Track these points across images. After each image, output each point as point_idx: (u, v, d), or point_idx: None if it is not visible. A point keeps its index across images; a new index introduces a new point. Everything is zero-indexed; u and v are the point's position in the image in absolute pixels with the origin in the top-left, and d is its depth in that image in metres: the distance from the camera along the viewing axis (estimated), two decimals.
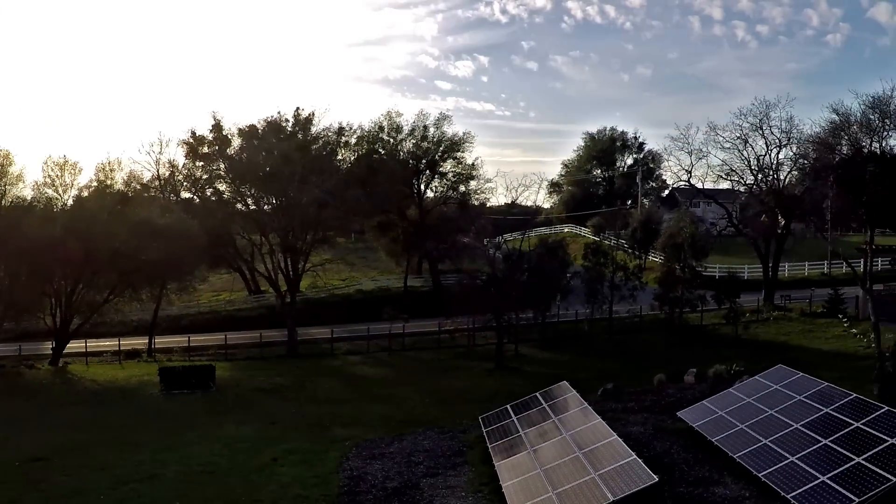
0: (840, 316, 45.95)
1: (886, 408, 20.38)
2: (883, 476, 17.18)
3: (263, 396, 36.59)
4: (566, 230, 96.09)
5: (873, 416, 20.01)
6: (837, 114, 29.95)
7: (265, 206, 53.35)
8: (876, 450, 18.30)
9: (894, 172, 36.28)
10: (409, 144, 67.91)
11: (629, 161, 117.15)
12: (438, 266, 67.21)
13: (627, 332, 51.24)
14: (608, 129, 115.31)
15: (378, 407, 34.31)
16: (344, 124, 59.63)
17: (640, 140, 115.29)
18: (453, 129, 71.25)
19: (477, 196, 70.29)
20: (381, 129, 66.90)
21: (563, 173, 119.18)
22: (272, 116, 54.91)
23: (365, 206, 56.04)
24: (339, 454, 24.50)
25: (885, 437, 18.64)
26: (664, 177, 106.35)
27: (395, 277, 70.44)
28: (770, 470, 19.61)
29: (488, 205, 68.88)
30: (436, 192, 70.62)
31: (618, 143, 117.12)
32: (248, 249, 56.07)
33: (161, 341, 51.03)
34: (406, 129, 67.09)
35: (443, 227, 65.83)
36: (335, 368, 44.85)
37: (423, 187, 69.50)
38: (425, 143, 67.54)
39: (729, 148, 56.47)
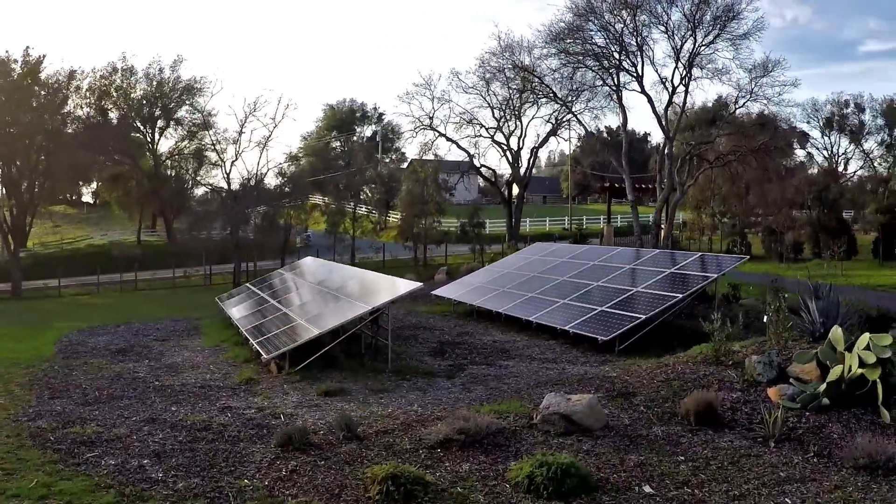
0: None
1: (658, 250, 19.14)
2: (669, 295, 15.62)
3: None
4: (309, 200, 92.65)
5: (646, 257, 18.80)
6: None
7: None
8: (656, 279, 16.82)
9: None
10: (143, 87, 60.78)
11: (368, 132, 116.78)
12: (174, 223, 60.52)
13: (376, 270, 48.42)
14: (348, 100, 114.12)
15: (108, 313, 28.84)
16: (76, 68, 51.48)
17: (380, 111, 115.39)
18: (191, 72, 65.09)
19: (214, 148, 64.40)
20: (115, 70, 58.91)
21: (301, 146, 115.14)
22: None
23: (95, 150, 50.51)
24: (58, 334, 20.81)
25: (663, 269, 17.29)
26: (404, 148, 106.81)
27: (128, 232, 64.07)
28: (542, 313, 17.34)
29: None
30: (170, 139, 64.03)
31: (357, 114, 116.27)
32: None
33: None
34: (140, 71, 59.81)
35: (179, 182, 60.41)
36: (62, 302, 38.33)
37: (157, 135, 62.44)
38: (161, 87, 60.82)
39: (471, 90, 55.24)
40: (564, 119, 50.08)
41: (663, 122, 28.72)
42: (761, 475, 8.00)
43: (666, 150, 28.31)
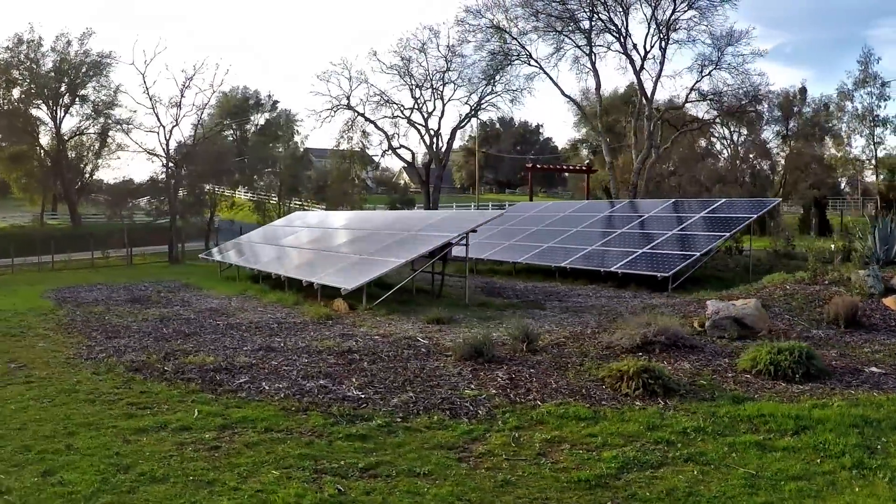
0: None
1: (673, 199, 19.52)
2: (714, 234, 15.86)
3: None
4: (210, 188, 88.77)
5: (665, 205, 18.95)
6: None
7: None
8: (690, 222, 17.17)
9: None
10: (51, 60, 56.09)
11: (262, 121, 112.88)
12: (78, 209, 56.19)
13: None
14: (241, 87, 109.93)
15: (53, 281, 24.34)
16: None
17: (275, 99, 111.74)
18: (100, 47, 60.76)
19: (121, 126, 60.32)
20: (21, 41, 53.85)
21: (192, 134, 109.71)
22: None
23: None
24: (35, 292, 18.23)
25: (692, 214, 17.69)
26: (303, 137, 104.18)
27: (28, 217, 60.70)
28: (573, 258, 17.18)
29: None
30: (75, 116, 59.53)
31: (251, 102, 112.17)
32: None
33: None
34: (48, 43, 55.40)
35: (83, 162, 56.34)
36: None
37: (62, 112, 57.51)
38: (69, 60, 56.27)
39: (390, 70, 53.94)
40: (485, 100, 50.31)
41: (642, 84, 29.51)
42: None
43: (646, 113, 29.07)
